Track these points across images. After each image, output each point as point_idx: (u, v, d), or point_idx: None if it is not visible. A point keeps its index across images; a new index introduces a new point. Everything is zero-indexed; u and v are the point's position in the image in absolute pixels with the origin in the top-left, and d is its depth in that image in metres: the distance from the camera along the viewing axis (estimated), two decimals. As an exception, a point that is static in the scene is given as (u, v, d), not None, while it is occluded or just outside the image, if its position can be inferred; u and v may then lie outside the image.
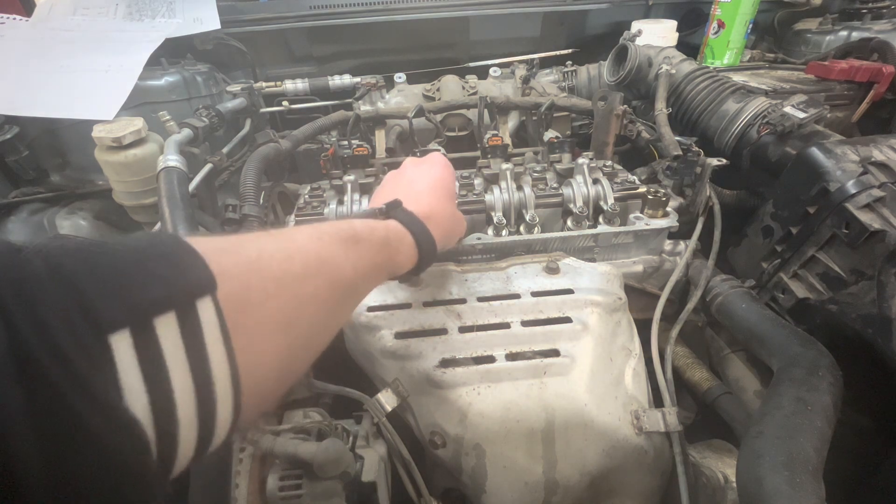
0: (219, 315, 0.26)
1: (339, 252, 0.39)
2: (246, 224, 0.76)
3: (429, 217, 0.54)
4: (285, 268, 0.33)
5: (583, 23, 1.50)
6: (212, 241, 0.29)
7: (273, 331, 0.31)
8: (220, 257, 0.28)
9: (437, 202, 0.58)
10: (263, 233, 0.36)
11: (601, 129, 0.94)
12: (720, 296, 0.73)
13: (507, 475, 0.59)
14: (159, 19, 1.20)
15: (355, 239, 0.41)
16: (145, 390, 0.22)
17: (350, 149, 0.93)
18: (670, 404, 0.64)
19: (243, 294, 0.29)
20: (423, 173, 0.62)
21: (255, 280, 0.30)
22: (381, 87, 1.22)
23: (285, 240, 0.35)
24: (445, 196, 0.60)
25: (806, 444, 0.48)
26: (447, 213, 0.59)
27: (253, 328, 0.29)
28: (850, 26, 1.31)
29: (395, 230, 0.50)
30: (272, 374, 0.31)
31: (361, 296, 0.45)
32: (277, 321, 0.31)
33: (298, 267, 0.34)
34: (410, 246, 0.51)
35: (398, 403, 0.62)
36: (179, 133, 0.86)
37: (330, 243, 0.38)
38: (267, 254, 0.32)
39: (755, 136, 0.88)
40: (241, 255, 0.30)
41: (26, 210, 0.99)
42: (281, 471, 0.56)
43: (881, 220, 0.60)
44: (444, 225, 0.57)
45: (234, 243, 0.31)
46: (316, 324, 0.36)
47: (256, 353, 0.29)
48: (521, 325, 0.65)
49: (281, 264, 0.32)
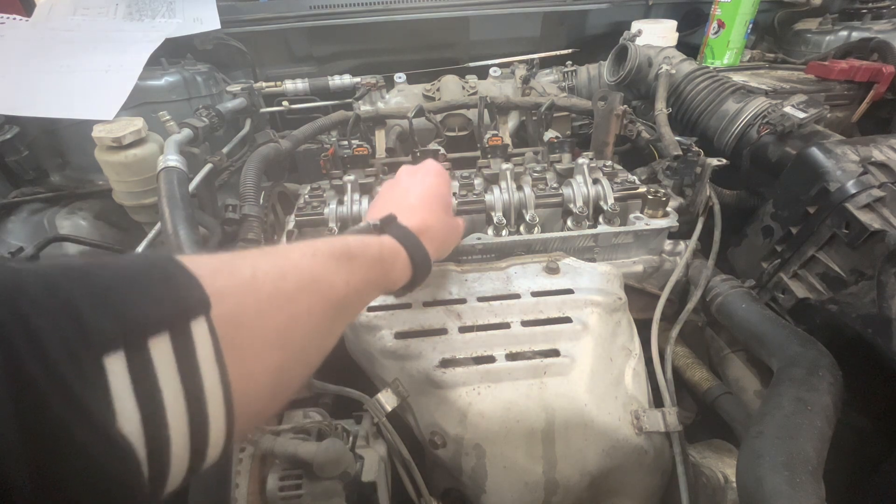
0: (212, 335, 0.27)
1: (333, 269, 0.39)
2: (246, 224, 0.76)
3: (423, 231, 0.54)
4: (279, 286, 0.33)
5: (583, 23, 1.50)
6: (206, 262, 0.29)
7: (267, 349, 0.31)
8: (214, 278, 0.28)
9: (431, 214, 0.57)
10: (257, 250, 0.36)
11: (601, 129, 0.94)
12: (720, 296, 0.73)
13: (507, 475, 0.59)
14: (159, 19, 1.20)
15: (349, 256, 0.41)
16: (138, 412, 0.22)
17: (350, 149, 0.93)
18: (670, 404, 0.64)
19: (237, 313, 0.29)
20: (417, 183, 0.61)
21: (250, 299, 0.30)
22: (381, 87, 1.22)
23: (279, 257, 0.36)
24: (440, 206, 0.60)
25: (806, 444, 0.48)
26: (441, 225, 0.59)
27: (247, 347, 0.29)
28: (850, 26, 1.31)
29: (390, 246, 0.49)
30: (266, 391, 0.31)
31: (356, 312, 0.45)
32: (271, 339, 0.31)
33: (292, 285, 0.34)
34: (405, 262, 0.51)
35: (398, 403, 0.62)
36: (179, 133, 0.86)
37: (324, 260, 0.38)
38: (261, 272, 0.32)
39: (755, 136, 0.88)
40: (235, 275, 0.31)
41: (26, 210, 0.99)
42: (281, 471, 0.56)
43: (881, 220, 0.60)
44: (438, 237, 0.57)
45: (228, 263, 0.31)
46: (309, 340, 0.36)
47: (250, 371, 0.29)
48: (521, 325, 0.65)
49: (275, 282, 0.33)
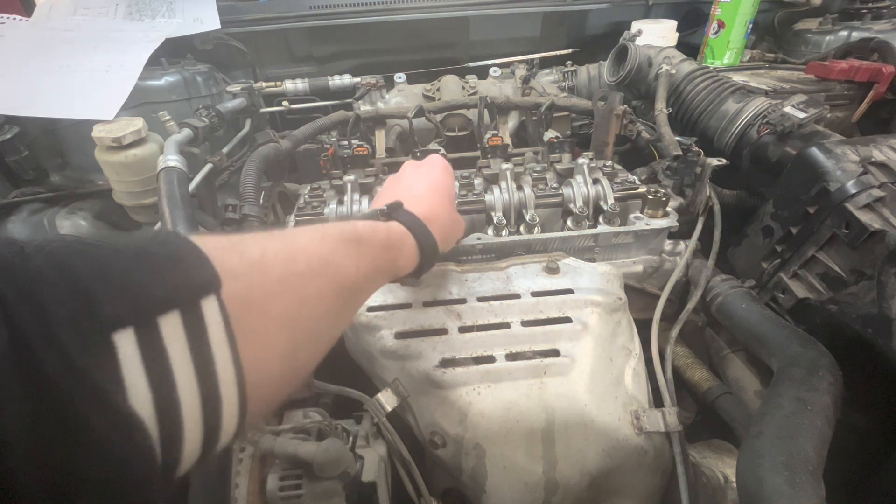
0: (223, 314, 0.26)
1: (342, 252, 0.39)
2: (246, 224, 0.76)
3: (429, 219, 0.53)
4: (289, 267, 0.32)
5: (583, 23, 1.50)
6: (216, 240, 0.29)
7: (277, 330, 0.30)
8: (223, 256, 0.28)
9: (437, 204, 0.57)
10: (266, 233, 0.35)
11: (601, 129, 0.94)
12: (720, 296, 0.73)
13: (507, 475, 0.59)
14: (159, 19, 1.20)
15: (358, 240, 0.41)
16: (149, 390, 0.22)
17: (350, 149, 0.93)
18: (670, 404, 0.64)
19: (248, 293, 0.28)
20: (423, 175, 0.61)
21: (259, 279, 0.30)
22: (381, 87, 1.22)
23: (288, 240, 0.35)
24: (445, 198, 0.60)
25: (806, 444, 0.48)
26: (447, 216, 0.59)
27: (257, 328, 0.29)
28: (850, 26, 1.31)
29: (398, 231, 0.49)
30: (277, 374, 0.31)
31: (364, 297, 0.44)
32: (282, 321, 0.31)
33: (302, 266, 0.33)
34: (412, 247, 0.50)
35: (398, 403, 0.62)
36: (179, 133, 0.86)
37: (333, 244, 0.38)
38: (271, 253, 0.32)
39: (755, 136, 0.88)
40: (245, 254, 0.30)
41: (26, 210, 0.99)
42: (281, 471, 0.56)
43: (881, 220, 0.60)
44: (444, 227, 0.57)
45: (237, 242, 0.31)
46: (320, 324, 0.35)
47: (261, 353, 0.29)
48: (521, 325, 0.65)
49: (285, 264, 0.32)
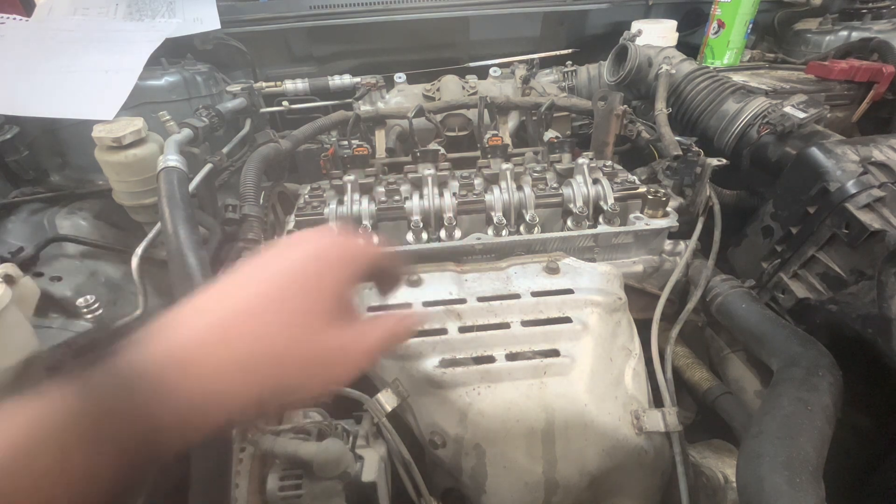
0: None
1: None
2: (246, 224, 0.77)
3: (194, 351, 0.30)
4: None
5: (583, 23, 1.50)
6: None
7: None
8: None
9: (253, 323, 0.32)
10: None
11: (601, 129, 0.94)
12: (720, 296, 0.73)
13: (507, 475, 0.59)
14: (159, 19, 1.20)
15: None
16: None
17: (350, 149, 0.93)
18: (670, 404, 0.64)
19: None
20: (272, 272, 0.35)
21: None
22: (381, 87, 1.22)
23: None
24: (287, 312, 0.34)
25: (806, 444, 0.48)
26: (269, 345, 0.32)
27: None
28: (850, 26, 1.31)
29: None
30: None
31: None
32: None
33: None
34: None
35: (398, 403, 0.62)
36: (179, 133, 0.86)
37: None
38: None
39: (755, 136, 0.88)
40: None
41: (26, 210, 0.99)
42: (281, 471, 0.56)
43: (881, 220, 0.60)
44: (249, 365, 0.31)
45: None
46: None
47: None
48: (521, 325, 0.65)
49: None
